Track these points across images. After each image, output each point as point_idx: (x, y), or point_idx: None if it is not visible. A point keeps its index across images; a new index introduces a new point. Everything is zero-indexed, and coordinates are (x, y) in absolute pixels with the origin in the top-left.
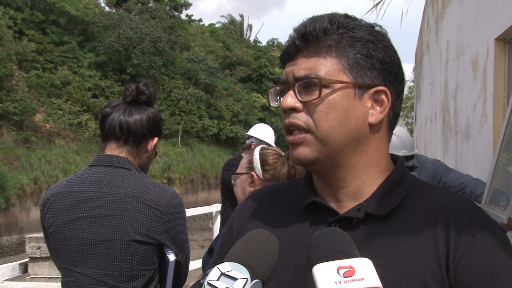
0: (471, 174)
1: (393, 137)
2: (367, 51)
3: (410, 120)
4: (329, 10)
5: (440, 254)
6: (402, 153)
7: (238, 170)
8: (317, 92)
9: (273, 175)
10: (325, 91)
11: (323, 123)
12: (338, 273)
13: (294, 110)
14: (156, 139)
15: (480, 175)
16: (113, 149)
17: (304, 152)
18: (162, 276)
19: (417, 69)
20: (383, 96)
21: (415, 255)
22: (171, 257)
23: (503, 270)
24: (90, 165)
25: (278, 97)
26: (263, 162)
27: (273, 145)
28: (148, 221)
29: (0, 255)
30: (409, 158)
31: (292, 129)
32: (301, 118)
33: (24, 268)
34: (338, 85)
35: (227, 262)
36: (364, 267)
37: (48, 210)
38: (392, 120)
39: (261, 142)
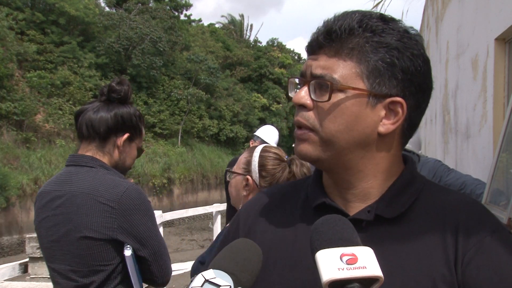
0: (471, 174)
1: None
2: (390, 58)
3: None
4: (328, 10)
5: (449, 257)
6: (407, 147)
7: (235, 169)
8: (327, 95)
9: (271, 183)
10: (337, 95)
11: (329, 125)
12: (341, 260)
13: (304, 107)
14: (126, 135)
15: (480, 175)
16: (82, 148)
17: (307, 149)
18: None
19: None
20: (399, 108)
21: (424, 258)
22: (127, 252)
23: (511, 275)
24: (65, 165)
25: (295, 89)
26: (261, 166)
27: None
28: (99, 217)
29: (0, 255)
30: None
31: (299, 125)
32: (308, 118)
33: (24, 268)
34: (352, 91)
35: (211, 269)
36: (366, 256)
37: (34, 211)
38: (406, 130)
39: (262, 142)
